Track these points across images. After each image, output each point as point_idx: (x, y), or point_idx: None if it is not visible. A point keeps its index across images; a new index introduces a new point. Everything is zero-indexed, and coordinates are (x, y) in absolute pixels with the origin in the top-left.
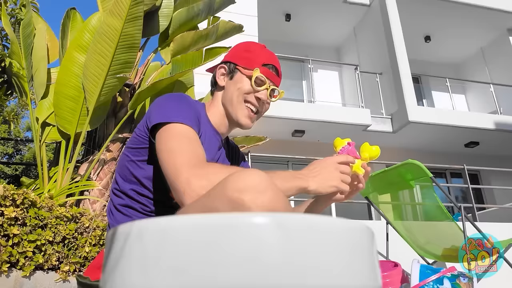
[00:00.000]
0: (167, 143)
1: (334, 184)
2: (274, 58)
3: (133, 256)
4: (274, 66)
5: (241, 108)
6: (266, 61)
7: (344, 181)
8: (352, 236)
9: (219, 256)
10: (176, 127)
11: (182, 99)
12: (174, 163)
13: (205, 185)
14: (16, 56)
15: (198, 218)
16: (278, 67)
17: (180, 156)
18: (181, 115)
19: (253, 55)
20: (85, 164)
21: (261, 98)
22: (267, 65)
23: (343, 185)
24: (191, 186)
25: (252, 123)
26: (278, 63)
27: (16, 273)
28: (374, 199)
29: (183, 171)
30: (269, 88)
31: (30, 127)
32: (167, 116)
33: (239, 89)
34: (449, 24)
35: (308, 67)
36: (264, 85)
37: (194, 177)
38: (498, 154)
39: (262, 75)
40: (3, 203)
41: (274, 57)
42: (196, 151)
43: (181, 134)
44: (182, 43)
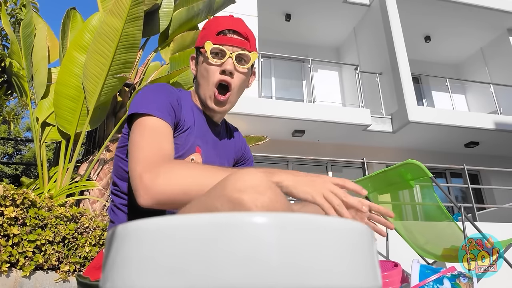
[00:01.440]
0: (134, 137)
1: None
2: (231, 22)
3: (132, 256)
4: (231, 30)
5: (209, 91)
6: (221, 28)
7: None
8: (352, 236)
9: (218, 255)
10: (145, 120)
11: (159, 88)
12: (133, 158)
13: (158, 182)
14: (16, 56)
15: (197, 218)
16: (239, 29)
17: (141, 151)
18: (153, 106)
19: (207, 30)
20: (85, 164)
21: (226, 69)
22: (222, 31)
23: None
24: (143, 181)
25: (223, 104)
26: (238, 25)
27: (16, 273)
28: (374, 199)
29: (137, 167)
30: (232, 55)
31: (30, 127)
32: (138, 107)
33: (203, 71)
34: (449, 24)
35: (308, 67)
36: (225, 55)
37: (146, 173)
38: (498, 154)
39: (217, 45)
40: (3, 203)
41: (231, 21)
42: (158, 147)
43: (148, 128)
44: (182, 43)
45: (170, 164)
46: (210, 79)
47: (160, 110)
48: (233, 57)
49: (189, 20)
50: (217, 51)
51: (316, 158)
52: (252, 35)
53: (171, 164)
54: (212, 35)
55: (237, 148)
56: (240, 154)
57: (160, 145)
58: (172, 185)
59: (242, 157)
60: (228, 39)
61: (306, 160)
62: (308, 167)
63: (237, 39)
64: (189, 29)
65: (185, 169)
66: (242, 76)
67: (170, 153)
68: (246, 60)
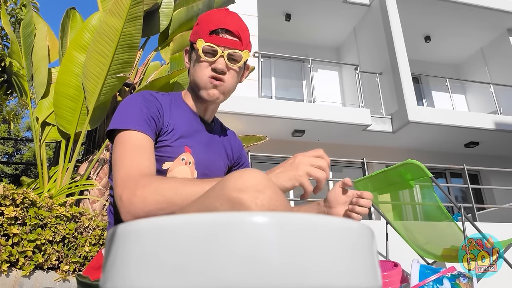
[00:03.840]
0: (114, 154)
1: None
2: (224, 20)
3: (132, 255)
4: (224, 29)
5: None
6: (214, 27)
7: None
8: (352, 236)
9: (218, 255)
10: (123, 136)
11: (135, 100)
12: (114, 178)
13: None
14: (16, 56)
15: (196, 217)
16: (232, 28)
17: (119, 170)
18: (130, 120)
19: (200, 26)
20: (85, 164)
21: (217, 68)
22: (215, 30)
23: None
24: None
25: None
26: (231, 24)
27: (16, 273)
28: (374, 199)
29: (117, 188)
30: (224, 54)
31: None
32: (116, 123)
33: (196, 66)
34: (449, 24)
35: (308, 67)
36: (217, 54)
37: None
38: (498, 154)
39: (209, 44)
40: (3, 202)
41: (224, 19)
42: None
43: (127, 144)
44: (182, 42)
45: (146, 180)
46: (201, 73)
47: (138, 122)
48: (224, 56)
49: (189, 20)
50: (209, 50)
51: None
52: (245, 32)
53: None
54: (205, 33)
55: (233, 149)
56: (236, 157)
57: (138, 161)
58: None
59: (238, 160)
60: (219, 39)
61: None
62: None
63: (229, 39)
64: (189, 29)
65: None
66: (234, 73)
67: (148, 168)
68: (237, 59)
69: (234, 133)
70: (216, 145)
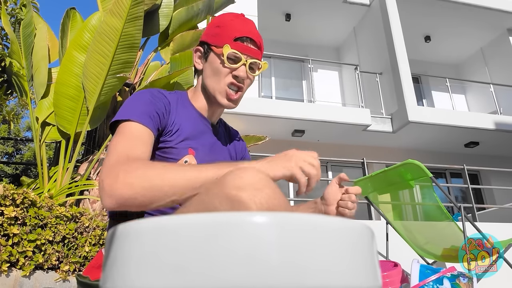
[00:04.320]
0: (110, 142)
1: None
2: (249, 28)
3: (132, 255)
4: (249, 38)
5: (220, 89)
6: (239, 34)
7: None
8: (352, 236)
9: (218, 255)
10: (123, 126)
11: (142, 95)
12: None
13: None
14: (16, 56)
15: (196, 217)
16: (255, 38)
17: (108, 157)
18: (133, 112)
19: (223, 30)
20: (85, 164)
21: (239, 75)
22: (240, 38)
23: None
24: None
25: (235, 102)
26: (254, 33)
27: (16, 273)
28: (374, 199)
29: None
30: (247, 63)
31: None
32: (119, 115)
33: (215, 70)
34: (449, 24)
35: (308, 67)
36: (240, 61)
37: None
38: (498, 154)
39: (234, 51)
40: (3, 202)
41: (248, 27)
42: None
43: (124, 133)
44: (182, 42)
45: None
46: (222, 80)
47: (141, 115)
48: (246, 65)
49: (189, 20)
50: (232, 57)
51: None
52: (262, 42)
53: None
54: (229, 39)
55: (237, 151)
56: (239, 158)
57: (130, 149)
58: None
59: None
60: (245, 47)
61: None
62: None
63: (253, 48)
64: (189, 29)
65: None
66: (249, 82)
67: (139, 156)
68: (255, 68)
69: (238, 133)
70: (220, 148)
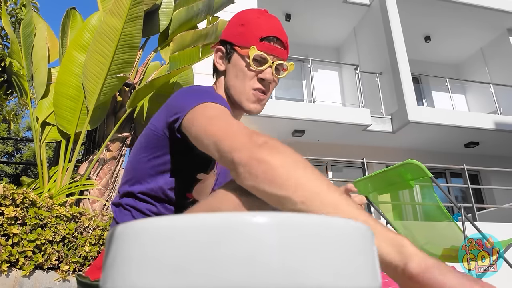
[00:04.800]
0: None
1: None
2: (275, 27)
3: (132, 256)
4: (275, 37)
5: (245, 93)
6: (265, 34)
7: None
8: (352, 236)
9: (219, 255)
10: (213, 105)
11: (204, 87)
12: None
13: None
14: (16, 56)
15: (197, 217)
16: (282, 37)
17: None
18: (216, 98)
19: (248, 29)
20: (85, 164)
21: (266, 78)
22: (267, 38)
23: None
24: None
25: (262, 106)
26: (281, 32)
27: (16, 273)
28: (374, 199)
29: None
30: (273, 65)
31: (30, 127)
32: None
33: (239, 73)
34: (449, 24)
35: (308, 67)
36: (266, 63)
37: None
38: (498, 154)
39: (261, 52)
40: (3, 202)
41: (275, 26)
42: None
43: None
44: (181, 42)
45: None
46: (248, 83)
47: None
48: (273, 67)
49: (188, 20)
50: (258, 58)
51: (316, 158)
52: (288, 41)
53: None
54: (255, 39)
55: None
56: None
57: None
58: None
59: None
60: (272, 47)
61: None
62: None
63: (280, 49)
64: (189, 29)
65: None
66: (275, 84)
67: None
68: (283, 70)
69: None
70: None
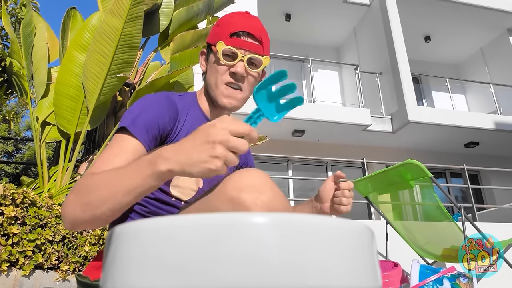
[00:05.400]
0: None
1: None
2: (248, 23)
3: (132, 256)
4: (246, 32)
5: (218, 88)
6: (235, 29)
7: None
8: (352, 236)
9: (218, 256)
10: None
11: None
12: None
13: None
14: (16, 56)
15: (196, 218)
16: (253, 31)
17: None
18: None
19: (221, 28)
20: (85, 164)
21: (237, 72)
22: (236, 33)
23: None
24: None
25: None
26: (253, 27)
27: (15, 272)
28: (374, 199)
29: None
30: (244, 59)
31: (30, 126)
32: (123, 121)
33: (212, 69)
34: (449, 24)
35: (308, 67)
36: (237, 57)
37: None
38: (498, 154)
39: (230, 47)
40: (3, 202)
41: (247, 22)
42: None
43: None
44: (182, 42)
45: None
46: (220, 78)
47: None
48: (244, 60)
49: (189, 20)
50: (228, 53)
51: (316, 158)
52: (266, 37)
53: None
54: (225, 35)
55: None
56: (243, 161)
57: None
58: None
59: (244, 164)
60: (241, 42)
61: (306, 160)
62: (308, 167)
63: (250, 42)
64: (189, 28)
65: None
66: (252, 79)
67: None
68: (257, 64)
69: None
70: None
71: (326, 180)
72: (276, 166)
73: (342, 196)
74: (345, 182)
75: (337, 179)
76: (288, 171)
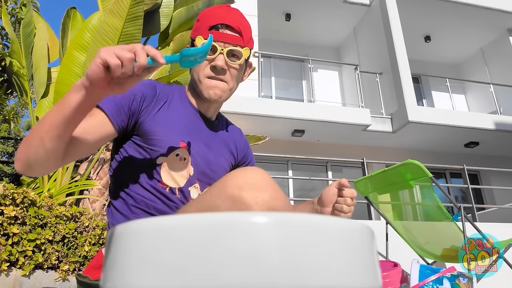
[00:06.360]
0: None
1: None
2: (226, 16)
3: (132, 256)
4: (225, 24)
5: (202, 82)
6: (213, 22)
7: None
8: (352, 236)
9: (218, 255)
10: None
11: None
12: None
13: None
14: (16, 55)
15: (197, 218)
16: (232, 23)
17: None
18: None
19: (200, 22)
20: (85, 163)
21: (217, 65)
22: (215, 26)
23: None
24: None
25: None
26: (231, 19)
27: (15, 272)
28: (374, 199)
29: None
30: (223, 51)
31: (30, 126)
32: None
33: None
34: (449, 24)
35: (308, 67)
36: (217, 51)
37: None
38: (498, 154)
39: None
40: (3, 202)
41: (226, 15)
42: None
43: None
44: (182, 42)
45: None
46: (201, 72)
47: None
48: (224, 53)
49: (189, 20)
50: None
51: (316, 158)
52: (247, 28)
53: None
54: (204, 29)
55: (237, 147)
56: (241, 155)
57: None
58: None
59: (244, 159)
60: (219, 34)
61: (306, 160)
62: (308, 166)
63: (229, 34)
64: (189, 28)
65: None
66: (234, 71)
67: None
68: (238, 56)
69: (240, 130)
70: (219, 143)
71: (330, 185)
72: (276, 166)
73: (344, 203)
74: (348, 190)
75: (340, 187)
76: (288, 171)
